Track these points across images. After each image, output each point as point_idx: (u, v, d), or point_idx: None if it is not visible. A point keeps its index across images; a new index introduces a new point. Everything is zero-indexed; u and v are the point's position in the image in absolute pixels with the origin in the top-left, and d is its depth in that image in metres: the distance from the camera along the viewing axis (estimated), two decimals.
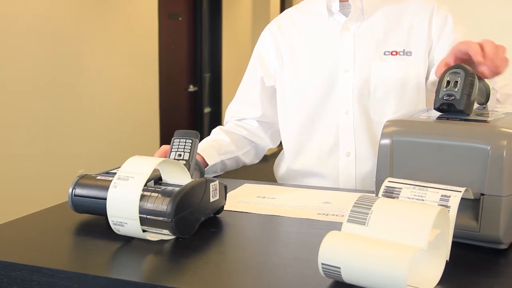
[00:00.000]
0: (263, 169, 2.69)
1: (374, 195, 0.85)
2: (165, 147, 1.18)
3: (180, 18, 5.62)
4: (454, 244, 0.70)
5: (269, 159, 2.24)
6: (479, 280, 0.71)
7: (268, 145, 1.52)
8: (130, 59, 4.67)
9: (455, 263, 0.72)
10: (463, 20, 1.37)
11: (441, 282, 0.69)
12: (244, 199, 1.09)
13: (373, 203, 0.66)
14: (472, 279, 0.71)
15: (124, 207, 0.81)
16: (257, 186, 1.21)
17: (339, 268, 0.63)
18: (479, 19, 2.76)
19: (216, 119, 6.22)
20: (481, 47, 0.96)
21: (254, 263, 0.79)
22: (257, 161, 1.54)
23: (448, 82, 0.85)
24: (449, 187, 0.72)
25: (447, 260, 0.68)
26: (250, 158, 1.49)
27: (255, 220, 0.99)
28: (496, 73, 0.96)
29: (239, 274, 0.75)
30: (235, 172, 1.54)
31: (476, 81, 0.86)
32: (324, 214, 0.99)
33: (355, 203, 0.66)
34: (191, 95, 5.93)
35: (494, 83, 1.17)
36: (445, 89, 0.85)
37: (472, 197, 0.77)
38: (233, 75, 6.04)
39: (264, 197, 1.10)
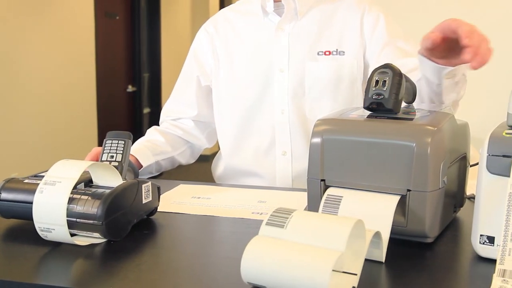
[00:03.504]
0: (204, 169, 2.68)
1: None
2: (97, 149, 1.16)
3: (117, 17, 5.51)
4: None
5: (210, 159, 2.24)
6: (407, 273, 0.73)
7: (204, 145, 1.51)
8: (66, 59, 4.54)
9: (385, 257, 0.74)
10: (398, 20, 1.40)
11: (369, 276, 0.71)
12: (178, 199, 1.08)
13: (294, 211, 0.66)
14: (399, 272, 0.73)
15: (51, 213, 0.78)
16: (193, 186, 1.20)
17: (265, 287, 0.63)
18: (414, 19, 2.84)
19: (156, 120, 6.04)
20: (471, 30, 0.87)
21: (187, 264, 0.79)
22: (193, 161, 1.53)
23: (377, 82, 0.87)
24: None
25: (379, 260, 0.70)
26: (186, 158, 1.48)
27: (189, 220, 0.98)
28: (482, 63, 0.87)
29: (172, 275, 0.75)
30: (176, 172, 1.53)
31: (404, 81, 0.89)
32: (258, 213, 0.99)
33: (275, 210, 0.66)
34: (130, 96, 5.83)
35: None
36: (374, 89, 0.87)
37: (399, 193, 0.79)
38: (172, 74, 5.95)
39: (199, 198, 1.10)
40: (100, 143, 1.00)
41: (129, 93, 5.81)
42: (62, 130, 4.52)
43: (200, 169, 2.97)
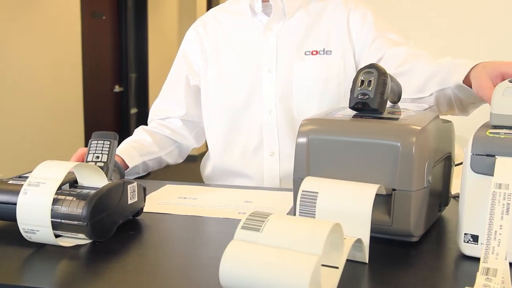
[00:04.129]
0: (192, 169, 2.68)
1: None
2: (83, 149, 1.15)
3: (104, 17, 5.49)
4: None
5: (198, 159, 2.23)
6: (392, 272, 0.73)
7: (192, 144, 1.51)
8: (52, 60, 4.51)
9: (369, 257, 0.74)
10: (386, 16, 1.41)
11: (353, 276, 0.71)
12: (164, 200, 1.08)
13: (271, 214, 0.65)
14: (385, 271, 0.73)
15: (35, 215, 0.78)
16: (179, 187, 1.20)
17: None
18: (401, 15, 2.85)
19: (143, 120, 6.03)
20: None
21: (173, 264, 0.78)
22: (181, 160, 1.53)
23: (362, 82, 0.88)
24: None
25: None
26: (173, 158, 1.48)
27: (175, 221, 0.98)
28: None
29: (157, 276, 0.74)
30: (164, 172, 1.53)
31: (389, 80, 0.89)
32: (244, 213, 0.98)
33: (251, 214, 0.65)
34: (117, 96, 5.81)
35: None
36: (359, 88, 0.87)
37: (384, 192, 0.79)
38: (159, 75, 5.94)
39: (185, 198, 1.09)
40: (86, 144, 0.99)
41: (116, 93, 5.78)
42: (48, 131, 4.49)
43: (188, 169, 2.96)
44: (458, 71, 1.04)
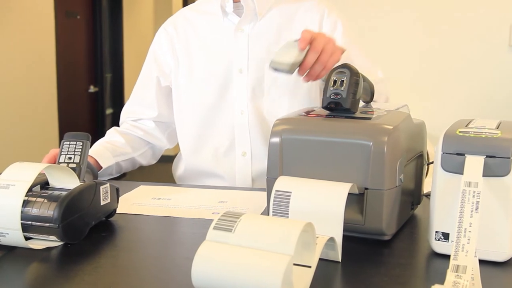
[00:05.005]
0: (167, 170, 2.67)
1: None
2: (55, 150, 1.14)
3: (78, 17, 5.42)
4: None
5: (174, 159, 2.22)
6: (365, 270, 0.74)
7: (165, 145, 1.50)
8: (26, 59, 4.45)
9: (342, 256, 0.75)
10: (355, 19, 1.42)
11: (326, 275, 0.72)
12: (138, 201, 1.07)
13: (243, 215, 0.65)
14: (357, 270, 0.74)
15: (4, 217, 0.77)
16: (153, 187, 1.19)
17: None
18: (369, 17, 2.88)
19: (119, 121, 6.06)
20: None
21: (146, 265, 0.78)
22: (155, 161, 1.52)
23: (335, 82, 0.88)
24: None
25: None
26: (147, 159, 1.47)
27: (149, 222, 0.97)
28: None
29: (130, 277, 0.74)
30: (139, 173, 1.51)
31: (361, 80, 0.90)
32: (218, 213, 0.98)
33: (223, 214, 0.65)
34: (92, 96, 5.75)
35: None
36: (332, 88, 0.88)
37: (357, 191, 0.80)
38: (135, 75, 5.84)
39: (159, 199, 1.09)
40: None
41: (91, 93, 5.72)
42: (21, 132, 4.43)
43: (164, 169, 2.94)
44: None
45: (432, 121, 1.14)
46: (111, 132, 1.43)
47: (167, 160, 1.56)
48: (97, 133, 4.63)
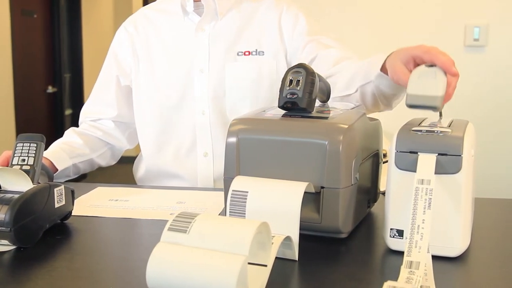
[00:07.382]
0: (129, 171, 2.64)
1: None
2: (8, 152, 1.11)
3: (35, 15, 5.31)
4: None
5: (134, 160, 2.20)
6: (322, 268, 0.74)
7: (125, 146, 1.48)
8: None
9: (299, 254, 0.75)
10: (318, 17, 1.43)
11: (283, 273, 0.72)
12: (95, 203, 1.06)
13: (198, 215, 0.65)
14: (314, 268, 0.74)
15: None
16: (111, 189, 1.18)
17: None
18: (334, 15, 2.90)
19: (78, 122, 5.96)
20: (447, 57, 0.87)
21: (101, 268, 0.77)
22: (114, 162, 1.50)
23: (291, 81, 0.88)
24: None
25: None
26: (106, 160, 1.45)
27: (106, 224, 0.96)
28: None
29: (86, 281, 0.73)
30: (101, 174, 1.49)
31: (317, 80, 0.90)
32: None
33: (177, 215, 0.65)
34: (50, 97, 5.63)
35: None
36: (288, 88, 0.88)
37: (313, 190, 0.81)
38: (95, 75, 5.75)
39: (116, 200, 1.07)
40: None
41: (49, 94, 5.60)
42: None
43: (125, 171, 2.91)
44: (376, 63, 1.07)
45: (390, 120, 1.15)
46: (69, 133, 1.41)
47: (128, 161, 1.54)
48: (56, 135, 4.54)
